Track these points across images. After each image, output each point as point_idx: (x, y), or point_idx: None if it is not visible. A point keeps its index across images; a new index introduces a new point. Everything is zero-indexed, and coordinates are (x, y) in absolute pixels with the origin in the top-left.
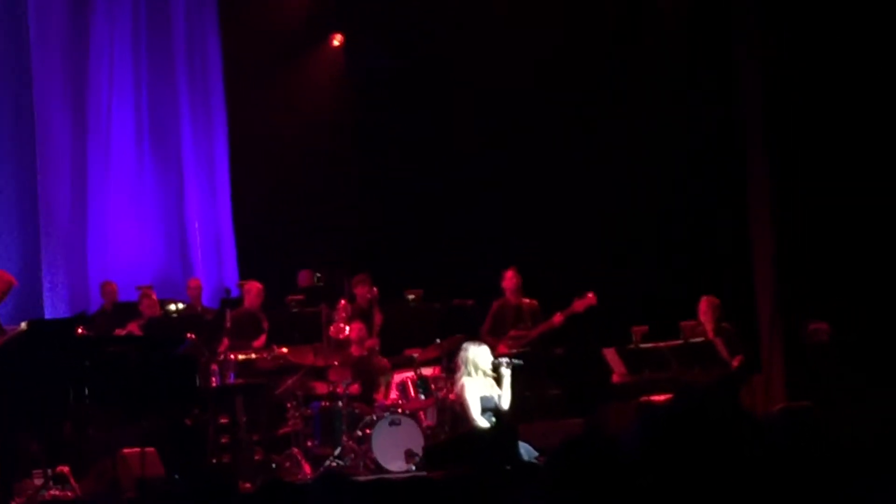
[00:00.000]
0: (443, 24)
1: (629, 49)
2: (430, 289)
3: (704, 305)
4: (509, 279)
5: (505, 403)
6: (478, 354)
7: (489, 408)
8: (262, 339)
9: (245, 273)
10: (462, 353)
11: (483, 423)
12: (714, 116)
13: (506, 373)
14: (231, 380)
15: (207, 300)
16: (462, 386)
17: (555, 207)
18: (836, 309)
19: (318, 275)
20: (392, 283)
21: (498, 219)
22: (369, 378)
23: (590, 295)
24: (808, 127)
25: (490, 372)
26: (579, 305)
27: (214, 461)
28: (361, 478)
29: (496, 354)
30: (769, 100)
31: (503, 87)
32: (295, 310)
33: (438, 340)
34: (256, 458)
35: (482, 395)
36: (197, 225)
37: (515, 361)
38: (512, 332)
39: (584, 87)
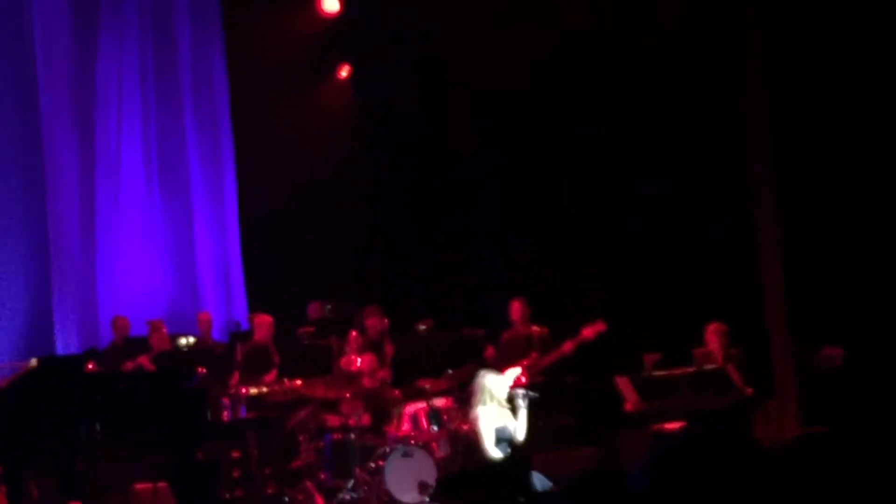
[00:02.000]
0: (449, 52)
1: (630, 55)
2: (441, 319)
3: (711, 333)
4: (516, 310)
5: (520, 435)
6: (494, 383)
7: (504, 438)
8: (273, 373)
9: (254, 306)
10: (478, 381)
11: (496, 453)
12: (718, 128)
13: (522, 404)
14: (242, 414)
15: (217, 333)
16: (476, 415)
17: (564, 236)
18: (850, 333)
19: (329, 307)
20: (402, 314)
21: (507, 248)
22: (381, 410)
23: (599, 322)
24: (817, 142)
25: (505, 402)
26: (589, 332)
27: (227, 496)
28: None
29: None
30: (773, 109)
31: (513, 115)
32: (305, 342)
33: (450, 371)
34: (269, 491)
35: (497, 425)
36: (208, 253)
37: (532, 394)
38: (524, 362)
39: (594, 115)
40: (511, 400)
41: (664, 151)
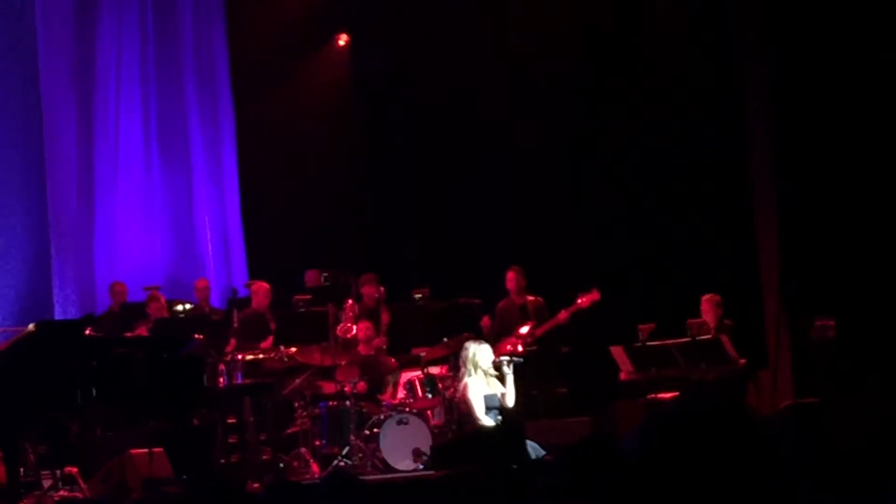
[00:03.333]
0: (448, 23)
1: (632, 45)
2: (437, 287)
3: (706, 304)
4: (510, 280)
5: (509, 401)
6: (478, 353)
7: (493, 406)
8: (270, 340)
9: (254, 273)
10: (463, 353)
11: (488, 421)
12: (718, 110)
13: (508, 371)
14: (239, 380)
15: (217, 301)
16: (465, 385)
17: (560, 205)
18: (844, 305)
19: (326, 274)
20: (399, 283)
21: (504, 216)
22: (377, 377)
23: (594, 291)
24: (814, 121)
25: (492, 370)
26: (584, 302)
27: (222, 461)
28: (369, 477)
29: (499, 353)
30: (773, 94)
31: (507, 85)
32: (302, 309)
33: (446, 339)
34: (264, 458)
35: (485, 393)
36: (207, 221)
37: (516, 359)
38: (518, 331)
39: (588, 84)
40: (498, 367)
41: (661, 121)
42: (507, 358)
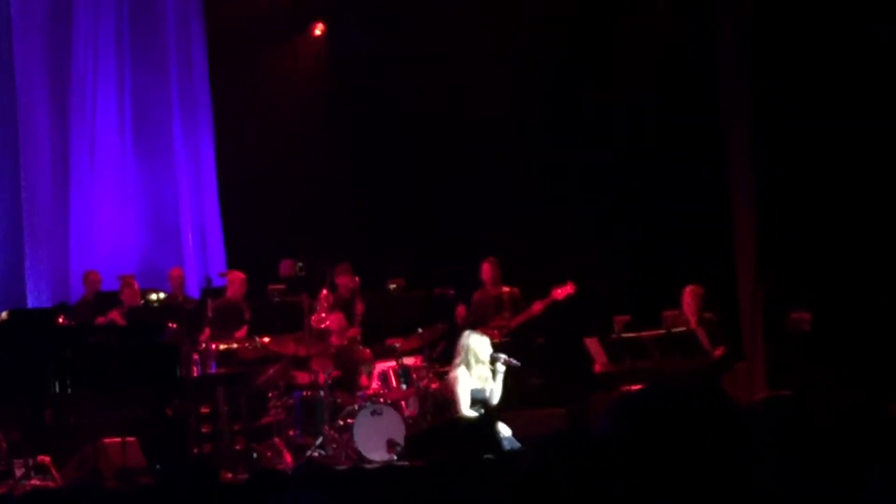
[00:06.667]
0: (426, 9)
1: (612, 35)
2: (412, 278)
3: (688, 295)
4: (486, 271)
5: (494, 399)
6: (478, 345)
7: (478, 400)
8: (244, 330)
9: (231, 263)
10: (463, 341)
11: (470, 414)
12: (698, 102)
13: (500, 369)
14: (212, 369)
15: (195, 290)
16: (455, 377)
17: (537, 196)
18: (819, 298)
19: (300, 264)
20: (374, 273)
21: (480, 207)
22: (350, 368)
23: (569, 283)
24: (793, 114)
25: (487, 364)
26: (558, 294)
27: (195, 451)
28: (342, 467)
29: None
30: (753, 87)
31: (486, 75)
32: (276, 299)
33: (420, 330)
34: (238, 447)
35: (474, 387)
36: (184, 209)
37: (514, 363)
38: (492, 322)
39: (567, 73)
40: (493, 362)
41: (639, 113)
42: (505, 357)
